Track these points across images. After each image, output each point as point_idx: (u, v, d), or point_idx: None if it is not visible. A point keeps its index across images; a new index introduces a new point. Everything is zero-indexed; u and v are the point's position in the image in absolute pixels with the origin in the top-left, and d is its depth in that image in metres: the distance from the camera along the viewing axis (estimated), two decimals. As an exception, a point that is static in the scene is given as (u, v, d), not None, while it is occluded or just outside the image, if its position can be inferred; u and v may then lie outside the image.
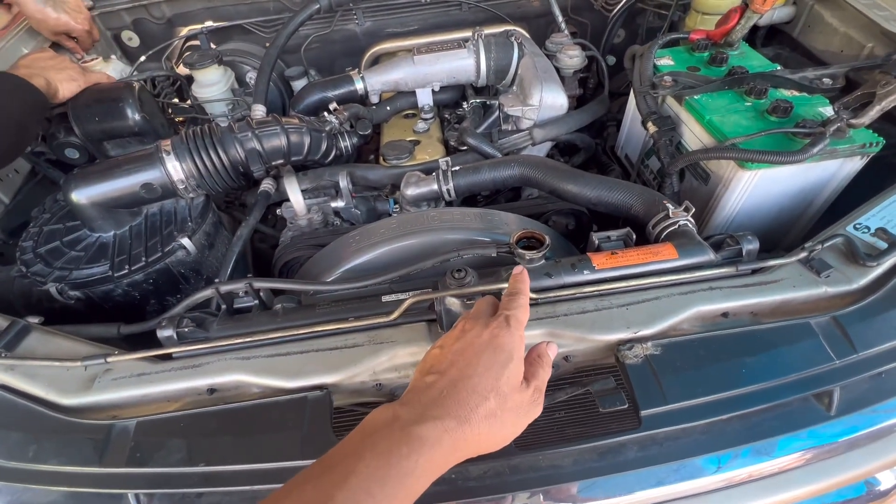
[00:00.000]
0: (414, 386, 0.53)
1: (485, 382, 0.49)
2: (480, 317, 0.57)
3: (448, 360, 0.52)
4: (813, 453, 0.67)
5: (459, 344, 0.53)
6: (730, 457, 0.66)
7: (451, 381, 0.50)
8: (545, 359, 0.57)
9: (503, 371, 0.51)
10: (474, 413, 0.48)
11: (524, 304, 0.58)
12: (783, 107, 0.92)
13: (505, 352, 0.52)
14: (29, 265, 0.96)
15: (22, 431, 0.68)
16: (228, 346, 0.73)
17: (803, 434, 0.66)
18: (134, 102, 1.14)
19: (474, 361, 0.51)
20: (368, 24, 1.62)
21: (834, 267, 0.74)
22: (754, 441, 0.65)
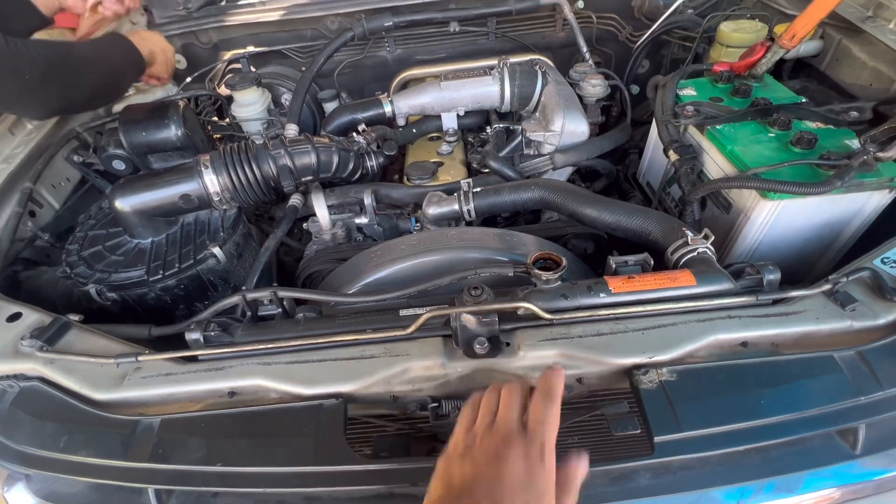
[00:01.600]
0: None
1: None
2: (510, 425, 0.53)
3: (481, 491, 0.48)
4: (839, 493, 0.64)
5: (492, 470, 0.49)
6: (752, 491, 0.65)
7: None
8: (573, 484, 0.53)
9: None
10: None
11: (556, 418, 0.54)
12: (807, 138, 0.92)
13: (539, 491, 0.49)
14: (73, 267, 1.02)
15: (56, 422, 0.72)
16: (251, 352, 0.76)
17: (828, 472, 0.63)
18: (178, 119, 1.22)
19: (509, 499, 0.48)
20: (399, 52, 1.70)
21: (859, 301, 0.73)
22: (774, 476, 0.63)
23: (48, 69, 0.88)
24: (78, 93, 0.98)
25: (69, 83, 0.93)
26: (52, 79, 0.89)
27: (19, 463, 0.70)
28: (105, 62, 1.04)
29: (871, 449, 0.63)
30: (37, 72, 0.86)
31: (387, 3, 1.54)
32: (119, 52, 1.11)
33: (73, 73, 0.93)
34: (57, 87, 0.91)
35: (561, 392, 0.56)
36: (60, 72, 0.90)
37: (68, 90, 0.94)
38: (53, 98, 0.93)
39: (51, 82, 0.90)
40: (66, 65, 0.92)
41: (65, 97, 0.95)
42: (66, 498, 0.71)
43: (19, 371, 0.77)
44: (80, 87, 0.97)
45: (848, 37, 1.26)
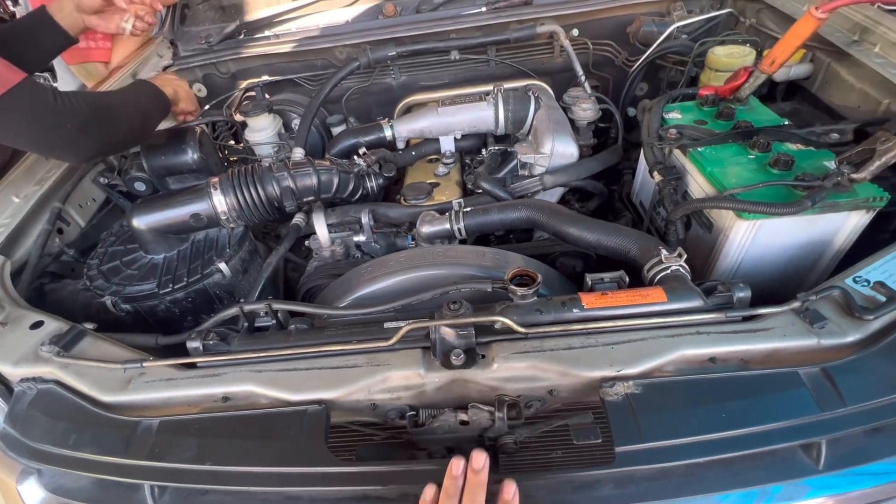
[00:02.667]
0: None
1: None
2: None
3: None
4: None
5: None
6: (718, 501, 0.66)
7: None
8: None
9: None
10: None
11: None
12: (784, 160, 0.94)
13: None
14: (92, 280, 1.11)
15: (67, 421, 0.78)
16: (244, 360, 0.82)
17: (790, 487, 0.64)
18: (194, 144, 1.33)
19: None
20: (404, 79, 1.79)
21: (829, 319, 0.74)
22: (736, 489, 0.64)
23: (88, 120, 0.99)
24: (113, 138, 1.09)
25: (105, 131, 1.04)
26: (90, 129, 1.00)
27: (33, 458, 0.77)
28: (135, 107, 1.15)
29: (834, 465, 0.64)
30: (77, 122, 0.97)
31: (391, 34, 1.64)
32: (146, 96, 1.21)
33: (108, 122, 1.04)
34: (95, 136, 1.02)
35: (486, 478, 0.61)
36: (98, 122, 1.01)
37: (104, 137, 1.05)
38: (92, 145, 1.04)
39: (89, 132, 1.01)
40: (102, 115, 1.02)
41: (101, 143, 1.06)
42: (72, 492, 0.77)
43: (38, 374, 0.84)
44: (115, 132, 1.08)
45: (836, 60, 1.29)
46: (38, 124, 0.95)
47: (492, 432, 0.73)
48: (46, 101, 0.93)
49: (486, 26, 1.65)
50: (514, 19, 1.64)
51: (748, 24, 1.57)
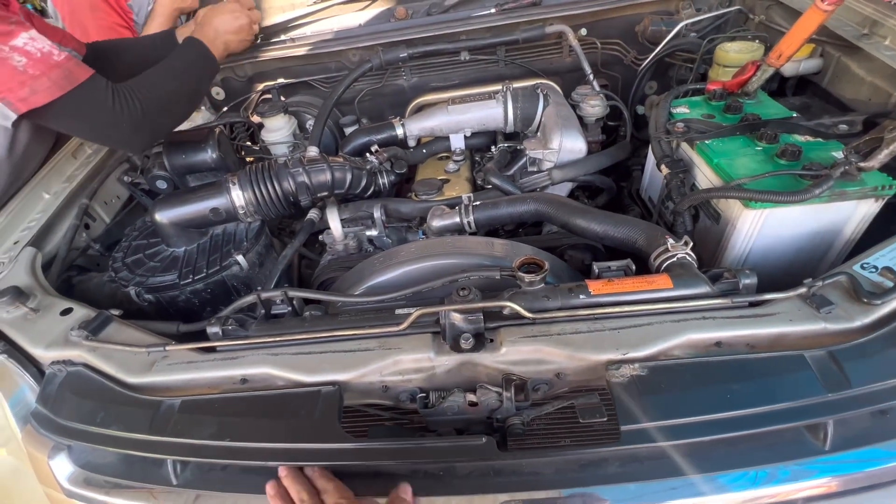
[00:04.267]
0: None
1: None
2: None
3: None
4: (807, 486, 0.65)
5: None
6: (722, 482, 0.67)
7: None
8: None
9: None
10: None
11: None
12: (791, 150, 0.95)
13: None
14: (117, 272, 1.16)
15: (95, 401, 0.82)
16: (261, 344, 0.85)
17: (796, 466, 0.65)
18: (213, 144, 1.38)
19: None
20: (415, 80, 1.83)
21: (836, 304, 0.74)
22: (742, 468, 0.65)
23: (141, 119, 1.07)
24: (165, 128, 1.20)
25: (157, 125, 1.14)
26: (144, 126, 1.09)
27: (63, 435, 0.81)
28: (186, 88, 1.21)
29: (841, 446, 0.65)
30: (131, 122, 1.05)
31: (402, 36, 1.68)
32: (197, 67, 1.26)
33: (160, 116, 1.12)
34: (147, 131, 1.12)
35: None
36: (151, 119, 1.09)
37: (157, 130, 1.15)
38: (145, 139, 1.14)
39: (143, 129, 1.09)
40: (154, 111, 1.09)
41: (153, 135, 1.16)
42: (100, 467, 0.81)
43: (68, 357, 0.89)
44: (167, 123, 1.18)
45: (846, 54, 1.28)
46: (95, 122, 1.04)
47: (500, 413, 0.75)
48: (105, 102, 1.02)
49: (496, 27, 1.68)
50: (523, 20, 1.66)
51: (757, 21, 1.57)
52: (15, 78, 0.92)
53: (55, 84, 0.95)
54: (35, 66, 0.93)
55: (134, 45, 1.52)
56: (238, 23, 1.39)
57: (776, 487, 0.65)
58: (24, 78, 0.92)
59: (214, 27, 1.33)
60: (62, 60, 0.97)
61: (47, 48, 0.96)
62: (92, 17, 1.92)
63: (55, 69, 0.95)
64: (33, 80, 0.93)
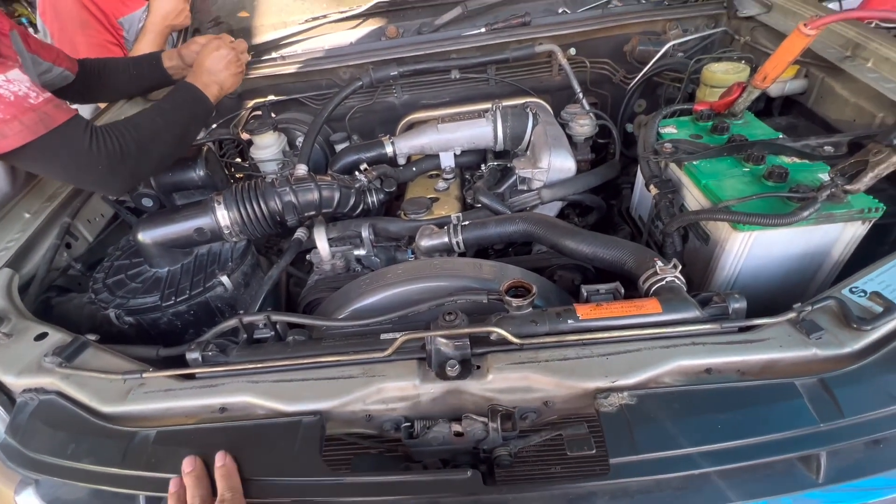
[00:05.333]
0: None
1: None
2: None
3: None
4: (801, 523, 0.63)
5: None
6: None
7: None
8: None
9: None
10: None
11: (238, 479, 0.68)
12: (778, 172, 0.95)
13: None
14: (97, 293, 1.13)
15: (66, 432, 0.79)
16: (242, 371, 0.83)
17: (788, 500, 0.63)
18: (201, 161, 1.36)
19: None
20: (406, 97, 1.84)
21: (825, 329, 0.73)
22: (735, 502, 0.63)
23: (119, 161, 1.03)
24: (144, 170, 1.15)
25: (136, 168, 1.09)
26: (121, 169, 1.05)
27: (31, 469, 0.77)
28: (171, 131, 1.16)
29: (835, 478, 0.63)
30: (108, 164, 1.02)
31: (393, 54, 1.69)
32: (187, 110, 1.22)
33: (140, 158, 1.08)
34: (126, 174, 1.08)
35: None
36: (129, 161, 1.06)
37: (136, 173, 1.11)
38: (124, 182, 1.11)
39: (120, 172, 1.05)
40: (133, 154, 1.06)
41: (132, 179, 1.12)
42: (68, 503, 0.78)
43: (40, 385, 0.85)
44: (147, 165, 1.13)
45: (830, 75, 1.30)
46: (70, 165, 1.01)
47: (486, 444, 0.73)
48: (82, 144, 0.99)
49: (486, 46, 1.69)
50: (512, 39, 1.68)
51: (743, 42, 1.60)
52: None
53: (27, 128, 0.92)
54: (6, 110, 0.90)
55: (120, 66, 1.52)
56: (226, 59, 1.36)
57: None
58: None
59: (207, 69, 1.32)
60: (39, 104, 0.94)
61: (24, 91, 0.93)
62: (82, 34, 1.92)
63: (28, 113, 0.92)
64: (2, 123, 0.90)
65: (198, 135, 1.30)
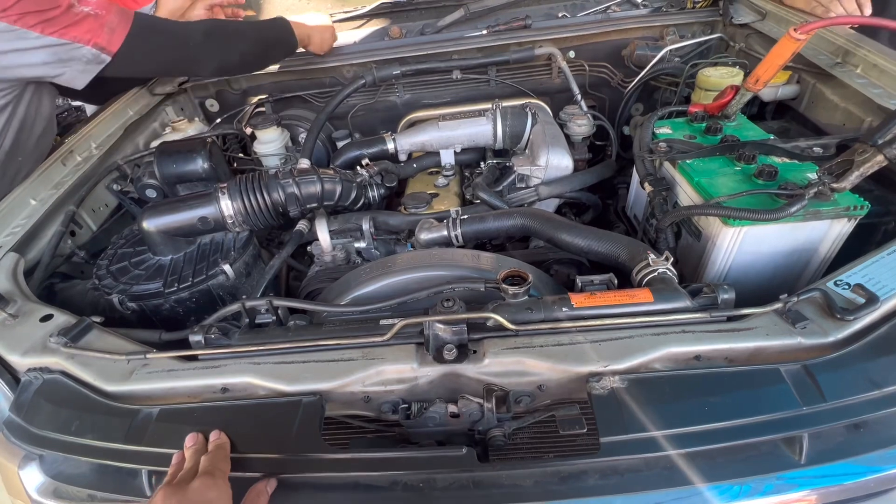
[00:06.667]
0: None
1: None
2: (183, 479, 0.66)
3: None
4: (785, 500, 0.66)
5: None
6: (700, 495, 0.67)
7: None
8: (263, 497, 0.68)
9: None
10: None
11: (225, 456, 0.70)
12: (768, 171, 0.98)
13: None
14: (101, 279, 1.15)
15: (70, 409, 0.81)
16: (244, 353, 0.85)
17: (772, 478, 0.65)
18: (205, 154, 1.39)
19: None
20: (407, 96, 1.87)
21: (810, 319, 0.76)
22: (720, 481, 0.65)
23: (205, 37, 1.18)
24: (229, 58, 1.28)
25: (223, 47, 1.22)
26: (208, 44, 1.18)
27: (34, 444, 0.79)
28: (256, 35, 1.31)
29: (816, 460, 0.65)
30: (198, 36, 1.17)
31: (396, 54, 1.72)
32: (273, 31, 1.38)
33: (225, 40, 1.23)
34: (214, 50, 1.20)
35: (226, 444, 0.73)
36: (216, 38, 1.19)
37: (223, 53, 1.23)
38: (213, 58, 1.22)
39: (208, 46, 1.18)
40: (219, 33, 1.20)
41: (221, 58, 1.24)
42: (71, 478, 0.79)
43: (45, 364, 0.87)
44: (229, 54, 1.26)
45: (821, 81, 1.34)
46: (168, 45, 1.15)
47: (481, 425, 0.75)
48: (166, 24, 1.13)
49: (487, 48, 1.73)
50: (513, 41, 1.71)
51: (737, 48, 1.64)
52: (96, 23, 1.03)
53: (121, 17, 1.06)
54: (99, 6, 1.04)
55: None
56: (325, 23, 1.55)
57: (758, 500, 0.65)
58: (101, 21, 1.04)
59: (311, 25, 1.50)
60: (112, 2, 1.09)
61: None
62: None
63: (112, 7, 1.06)
64: (105, 19, 1.04)
65: (277, 60, 1.46)
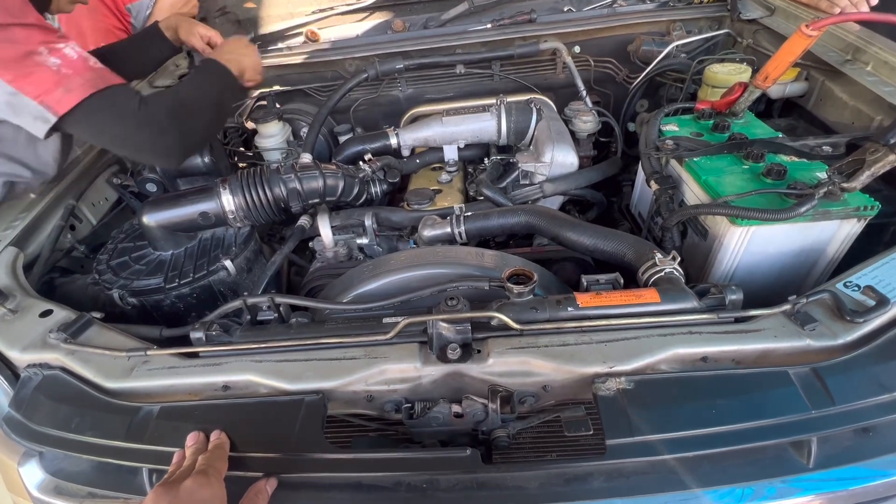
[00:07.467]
0: None
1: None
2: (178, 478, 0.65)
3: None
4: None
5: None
6: (707, 499, 0.66)
7: None
8: (263, 496, 0.67)
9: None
10: None
11: (223, 456, 0.69)
12: (777, 170, 0.97)
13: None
14: (101, 274, 1.14)
15: (70, 406, 0.80)
16: (245, 350, 0.84)
17: (779, 482, 0.65)
18: (206, 148, 1.37)
19: None
20: (410, 91, 1.85)
21: (819, 321, 0.75)
22: (728, 484, 0.65)
23: (167, 126, 1.04)
24: (195, 136, 1.14)
25: (185, 131, 1.09)
26: (169, 133, 1.05)
27: (34, 441, 0.78)
28: (209, 100, 1.17)
29: (824, 464, 0.65)
30: (157, 128, 1.04)
31: (399, 48, 1.70)
32: (217, 82, 1.22)
33: (187, 121, 1.09)
34: (178, 136, 1.07)
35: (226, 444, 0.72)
36: (176, 127, 1.06)
37: (185, 137, 1.09)
38: (177, 146, 1.08)
39: (169, 135, 1.05)
40: (179, 119, 1.06)
41: (183, 143, 1.10)
42: (72, 475, 0.79)
43: (45, 360, 0.87)
44: (196, 128, 1.12)
45: (830, 78, 1.32)
46: (124, 126, 1.02)
47: (485, 425, 0.74)
48: (132, 106, 1.00)
49: (491, 42, 1.71)
50: (517, 36, 1.69)
51: (745, 44, 1.62)
52: (50, 79, 0.93)
53: (88, 83, 0.96)
54: (69, 66, 0.95)
55: (125, 47, 1.50)
56: (245, 44, 1.36)
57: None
58: (58, 78, 0.93)
59: (226, 49, 1.32)
60: (97, 67, 0.99)
61: (84, 55, 0.99)
62: (89, 19, 1.92)
63: (89, 71, 0.97)
64: (67, 78, 0.94)
65: (233, 105, 1.28)
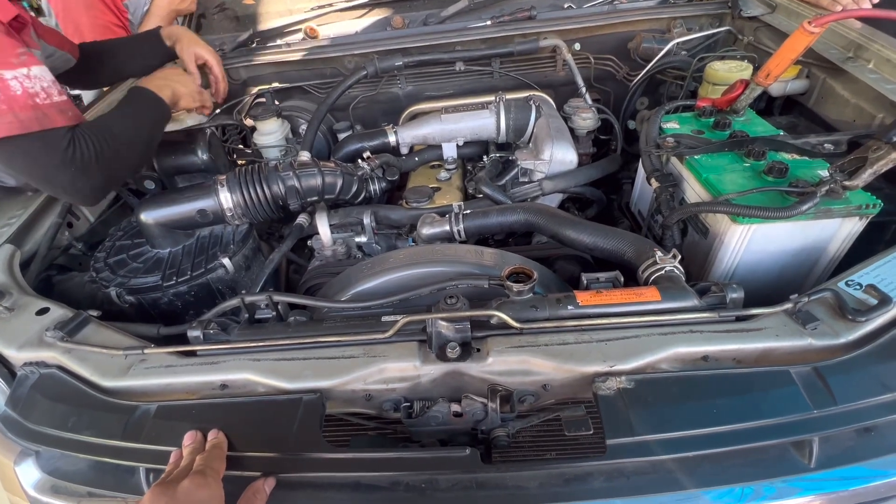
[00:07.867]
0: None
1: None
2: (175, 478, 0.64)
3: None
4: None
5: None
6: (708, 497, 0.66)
7: None
8: (261, 495, 0.67)
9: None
10: None
11: (220, 456, 0.68)
12: (778, 168, 0.96)
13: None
14: (98, 272, 1.13)
15: (67, 405, 0.80)
16: (243, 349, 0.83)
17: (780, 482, 0.64)
18: (204, 145, 1.36)
19: None
20: (410, 88, 1.84)
21: (821, 320, 0.75)
22: (729, 484, 0.64)
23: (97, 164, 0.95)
24: (116, 178, 1.06)
25: (108, 174, 1.00)
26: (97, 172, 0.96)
27: (31, 440, 0.78)
28: (136, 131, 1.08)
29: (826, 464, 0.64)
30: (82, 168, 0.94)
31: (398, 45, 1.69)
32: (145, 110, 1.13)
33: (113, 163, 1.00)
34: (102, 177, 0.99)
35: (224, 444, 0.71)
36: (107, 162, 0.97)
37: (107, 180, 1.01)
38: (97, 188, 1.00)
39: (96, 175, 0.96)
40: (107, 153, 0.97)
41: (103, 186, 1.02)
42: (69, 474, 0.78)
43: (41, 359, 0.86)
44: (120, 169, 1.04)
45: (831, 76, 1.31)
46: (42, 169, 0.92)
47: (485, 425, 0.74)
48: (59, 148, 0.91)
49: (491, 39, 1.70)
50: (517, 33, 1.68)
51: (746, 42, 1.61)
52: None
53: (17, 123, 0.85)
54: (5, 102, 0.84)
55: (122, 47, 1.48)
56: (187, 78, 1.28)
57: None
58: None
59: (163, 75, 1.25)
60: (45, 104, 0.88)
61: (37, 89, 0.88)
62: (86, 15, 1.91)
63: (28, 110, 0.86)
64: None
65: (161, 136, 1.18)
